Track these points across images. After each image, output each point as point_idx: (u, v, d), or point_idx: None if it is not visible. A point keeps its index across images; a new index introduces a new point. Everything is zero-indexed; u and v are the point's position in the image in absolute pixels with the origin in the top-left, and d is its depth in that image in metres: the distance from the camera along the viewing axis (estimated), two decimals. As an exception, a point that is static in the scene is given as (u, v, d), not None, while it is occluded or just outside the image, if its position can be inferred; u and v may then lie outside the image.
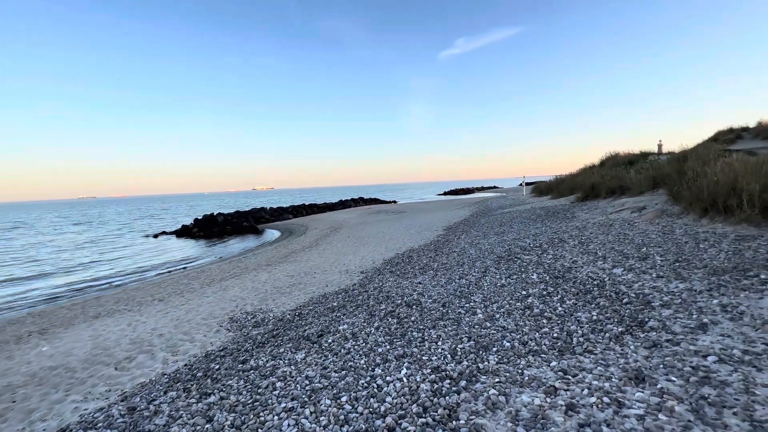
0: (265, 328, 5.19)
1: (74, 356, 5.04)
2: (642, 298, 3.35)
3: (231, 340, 4.89)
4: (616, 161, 16.91)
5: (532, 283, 4.39)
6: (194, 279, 10.08)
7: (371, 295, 5.48)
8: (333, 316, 4.79)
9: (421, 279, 5.89)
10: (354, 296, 5.80)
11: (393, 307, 4.50)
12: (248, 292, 7.65)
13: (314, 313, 5.38)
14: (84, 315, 7.31)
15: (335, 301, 5.76)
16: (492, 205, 21.29)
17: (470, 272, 5.59)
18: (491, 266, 5.71)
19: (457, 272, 5.82)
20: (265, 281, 8.60)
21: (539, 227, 8.93)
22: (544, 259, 5.48)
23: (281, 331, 4.64)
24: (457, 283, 5.11)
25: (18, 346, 5.81)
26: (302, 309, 5.84)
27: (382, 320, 4.06)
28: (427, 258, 8.02)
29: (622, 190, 11.15)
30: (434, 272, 6.27)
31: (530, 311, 3.55)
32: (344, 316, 4.60)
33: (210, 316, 6.30)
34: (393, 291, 5.42)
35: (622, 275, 4.03)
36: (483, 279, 5.02)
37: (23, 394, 4.05)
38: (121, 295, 9.11)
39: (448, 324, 3.55)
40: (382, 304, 4.74)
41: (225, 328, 5.58)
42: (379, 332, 3.67)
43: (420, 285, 5.47)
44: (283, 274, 9.22)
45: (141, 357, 4.78)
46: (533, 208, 14.10)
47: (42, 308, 8.73)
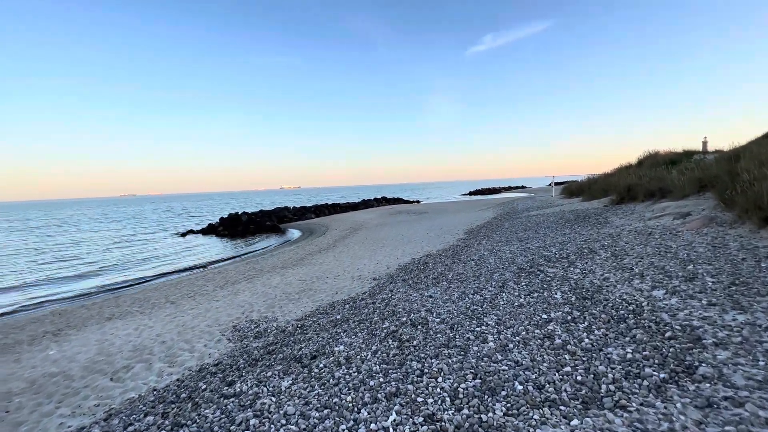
0: (266, 340, 4.93)
1: (77, 362, 4.98)
2: (690, 332, 2.77)
3: (228, 353, 4.66)
4: (656, 160, 15.63)
5: (555, 305, 3.85)
6: (210, 281, 10.09)
7: (377, 309, 5.10)
8: (333, 332, 4.45)
9: (433, 292, 5.44)
10: (360, 308, 5.44)
11: (397, 326, 4.09)
12: (257, 297, 7.47)
13: (317, 325, 5.06)
14: (99, 316, 7.39)
15: (340, 313, 5.42)
16: (518, 207, 20.33)
17: (486, 286, 5.08)
18: (510, 280, 5.17)
19: (472, 285, 5.32)
20: (276, 285, 8.41)
21: (567, 234, 8.22)
22: (570, 273, 4.89)
23: (278, 347, 4.35)
24: (471, 299, 4.62)
25: (30, 347, 5.88)
26: (306, 320, 5.54)
27: (382, 342, 3.67)
28: (443, 266, 7.53)
29: (663, 192, 10.15)
30: (448, 284, 5.79)
31: (551, 342, 3.04)
32: (344, 333, 4.25)
33: (215, 323, 6.15)
34: (400, 305, 5.01)
35: (664, 299, 3.43)
36: (499, 296, 4.51)
37: (18, 404, 3.98)
38: (138, 295, 9.23)
39: (454, 353, 3.10)
40: (385, 321, 4.35)
41: (227, 337, 5.37)
42: (376, 358, 3.28)
43: (430, 299, 5.03)
44: (296, 278, 9.02)
45: (138, 367, 4.64)
46: (562, 212, 13.22)
47: (65, 307, 8.98)
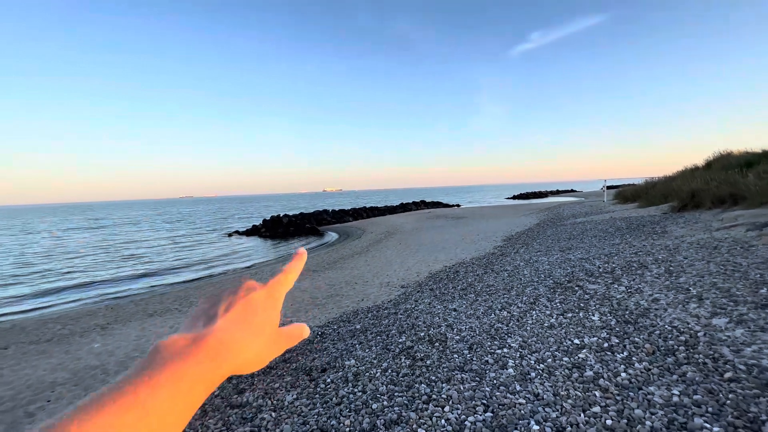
0: (285, 346, 4.92)
1: (114, 357, 5.31)
2: (758, 374, 2.28)
3: (248, 358, 4.70)
4: (728, 162, 13.89)
5: (590, 328, 3.41)
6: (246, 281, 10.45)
7: (398, 320, 4.90)
8: (350, 343, 4.32)
9: (458, 304, 5.13)
10: (381, 318, 5.27)
11: (413, 341, 3.87)
12: (286, 300, 7.49)
13: (336, 334, 4.97)
14: (143, 312, 7.89)
15: (361, 323, 5.29)
16: (564, 213, 19.07)
17: (516, 302, 4.69)
18: (543, 296, 4.73)
19: (500, 299, 4.94)
20: (305, 289, 8.49)
21: (616, 244, 7.46)
22: (613, 291, 4.36)
23: (294, 355, 4.30)
24: (496, 315, 4.27)
25: (81, 339, 6.39)
26: (328, 327, 5.48)
27: (395, 358, 3.47)
28: (474, 276, 7.14)
29: (735, 199, 8.94)
30: (475, 296, 5.44)
31: (580, 373, 2.66)
32: (359, 345, 4.10)
33: (243, 325, 6.29)
34: (422, 318, 4.77)
35: (727, 330, 2.89)
36: (529, 314, 4.12)
37: (58, 394, 4.28)
38: (181, 293, 9.79)
39: (467, 378, 2.83)
40: (403, 335, 4.14)
41: (250, 341, 5.45)
42: (385, 377, 3.09)
43: (454, 313, 4.73)
44: (325, 282, 9.05)
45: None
46: (613, 219, 12.15)
47: (117, 302, 9.75)
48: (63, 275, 14.40)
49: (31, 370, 5.13)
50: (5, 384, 4.70)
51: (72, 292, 11.69)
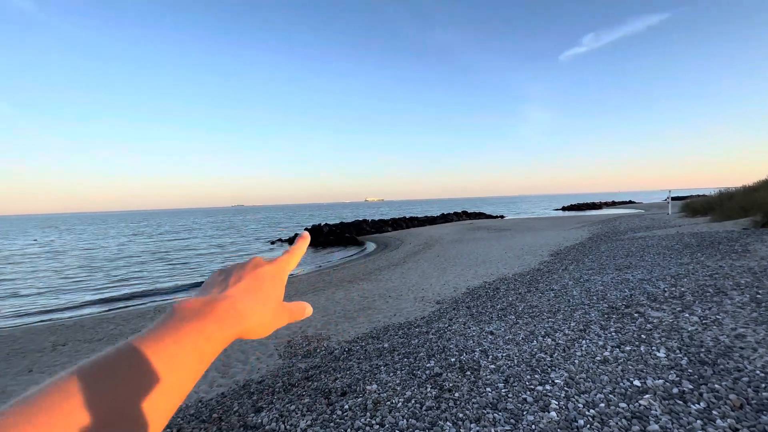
0: (312, 361, 4.77)
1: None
2: None
3: (274, 371, 4.60)
4: (826, 170, 11.90)
5: (654, 367, 2.86)
6: (288, 288, 10.58)
7: (428, 341, 4.56)
8: (375, 363, 4.06)
9: (496, 327, 4.68)
10: (411, 337, 4.95)
11: (442, 367, 3.52)
12: (317, 312, 7.49)
13: (363, 352, 4.73)
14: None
15: (390, 341, 5.01)
16: (621, 226, 17.45)
17: (562, 327, 4.16)
18: (595, 322, 4.15)
19: (544, 324, 4.42)
20: (338, 300, 8.38)
21: (685, 264, 6.53)
22: (683, 321, 3.70)
23: (317, 373, 4.12)
24: (539, 342, 3.79)
25: (126, 340, 6.72)
26: (356, 343, 5.27)
27: (420, 386, 3.15)
28: (516, 294, 6.59)
29: (839, 214, 7.53)
30: (516, 318, 4.94)
31: (642, 426, 2.18)
32: (384, 368, 3.82)
33: (274, 334, 6.26)
34: (454, 339, 4.39)
35: None
36: (577, 343, 3.60)
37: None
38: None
39: (501, 419, 2.44)
40: (431, 359, 3.80)
41: (279, 353, 5.38)
42: (407, 409, 2.78)
43: (490, 336, 4.30)
44: (359, 294, 8.89)
45: (196, 374, 4.86)
46: (680, 234, 10.83)
47: (166, 305, 10.30)
48: (123, 278, 15.66)
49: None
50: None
51: (129, 292, 12.62)
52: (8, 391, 4.77)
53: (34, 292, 13.45)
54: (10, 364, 5.88)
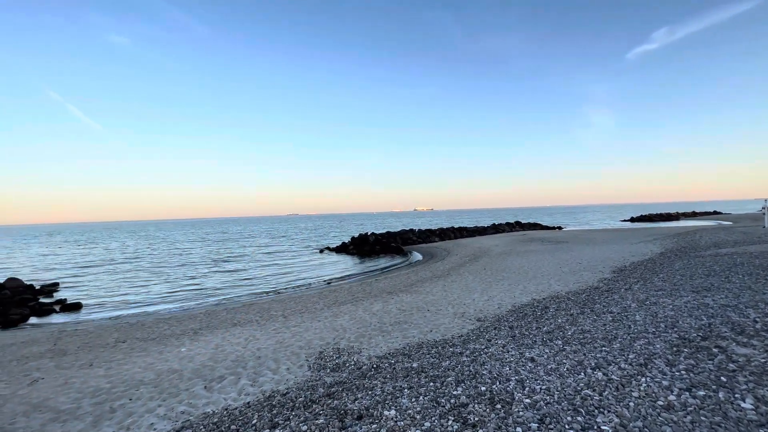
0: (338, 376, 4.63)
1: (193, 363, 5.72)
2: None
3: (300, 384, 4.53)
4: None
5: (737, 421, 2.28)
6: (323, 298, 10.69)
7: (460, 363, 4.19)
8: (400, 385, 3.79)
9: (538, 352, 4.17)
10: (443, 357, 4.61)
11: (470, 396, 3.16)
12: (353, 324, 7.37)
13: (391, 370, 4.49)
14: (229, 322, 8.57)
15: (420, 360, 4.71)
16: (701, 241, 15.27)
17: (618, 359, 3.57)
18: (660, 355, 3.51)
19: (597, 353, 3.84)
20: (375, 312, 8.21)
21: (784, 289, 5.40)
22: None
23: (339, 390, 3.96)
24: (587, 376, 3.27)
25: (176, 341, 7.14)
26: (386, 359, 5.03)
27: (441, 418, 2.84)
28: (566, 316, 5.91)
29: None
30: (563, 344, 4.38)
31: (716, 504, 1.69)
32: (408, 390, 3.54)
33: (307, 345, 6.25)
34: (489, 364, 3.98)
35: None
36: (635, 380, 3.04)
37: (139, 394, 4.70)
38: (265, 305, 10.46)
39: (528, 471, 2.07)
40: (460, 386, 3.45)
41: (309, 364, 5.32)
42: (422, 443, 2.50)
43: (530, 364, 3.82)
44: (397, 306, 8.64)
45: (229, 380, 4.96)
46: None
47: (215, 308, 10.90)
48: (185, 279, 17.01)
49: (131, 365, 5.84)
50: (109, 377, 5.40)
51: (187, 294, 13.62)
52: (70, 382, 5.25)
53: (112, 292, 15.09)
54: (77, 357, 6.52)
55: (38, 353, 6.89)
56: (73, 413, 4.29)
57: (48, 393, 4.89)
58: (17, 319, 10.99)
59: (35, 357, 6.66)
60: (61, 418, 4.17)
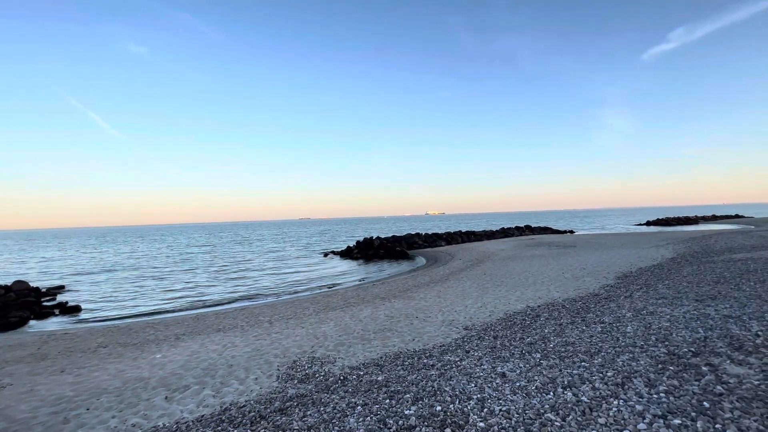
0: (304, 388, 4.38)
1: (163, 371, 5.55)
2: None
3: (262, 396, 4.29)
4: None
5: (711, 460, 1.93)
6: (315, 303, 10.47)
7: (426, 378, 3.88)
8: (355, 401, 3.52)
9: (511, 367, 3.83)
10: (412, 370, 4.32)
11: (421, 417, 2.87)
12: (336, 331, 7.11)
13: (357, 383, 4.22)
14: (214, 326, 8.41)
15: (389, 372, 4.43)
16: (716, 245, 14.50)
17: (593, 377, 3.21)
18: (642, 374, 3.14)
19: (572, 369, 3.49)
20: (361, 319, 7.93)
21: (796, 299, 4.92)
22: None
23: (293, 405, 3.70)
24: (555, 397, 2.93)
25: (155, 347, 7.00)
26: (357, 371, 4.76)
27: (383, 442, 2.55)
28: (555, 325, 5.54)
29: None
30: (541, 357, 4.03)
31: None
32: (361, 408, 3.27)
33: (284, 353, 6.02)
34: (455, 380, 3.67)
35: None
36: (606, 404, 2.69)
37: (98, 404, 4.53)
38: (256, 310, 10.30)
39: None
40: (415, 404, 3.15)
41: (278, 374, 5.08)
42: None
43: (499, 380, 3.50)
44: (386, 313, 8.34)
45: (193, 390, 4.76)
46: (796, 257, 8.51)
47: (205, 312, 10.80)
48: (186, 284, 17.06)
49: (101, 372, 5.70)
50: (76, 384, 5.27)
51: (184, 298, 13.60)
52: (35, 389, 5.13)
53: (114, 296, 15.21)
54: (54, 362, 6.44)
55: (19, 357, 6.84)
56: (27, 423, 4.15)
57: (10, 401, 4.78)
58: (15, 321, 11.10)
59: (14, 361, 6.61)
60: (12, 429, 4.03)
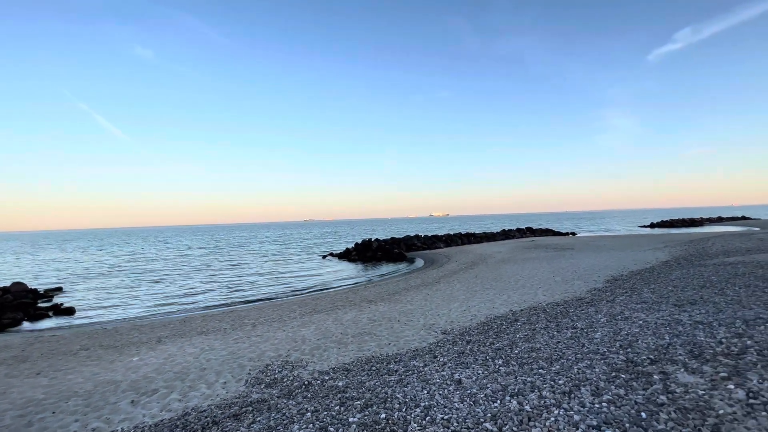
0: (268, 392, 4.38)
1: (135, 374, 5.57)
2: None
3: (224, 401, 4.29)
4: None
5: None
6: (303, 306, 10.47)
7: (385, 384, 3.86)
8: (308, 407, 3.51)
9: (470, 373, 3.79)
10: (375, 376, 4.30)
11: (362, 425, 2.85)
12: (315, 335, 7.10)
13: (318, 389, 4.20)
14: (198, 330, 8.44)
15: (353, 378, 4.40)
16: (712, 248, 14.29)
17: (544, 385, 3.16)
18: (593, 381, 3.09)
19: (527, 377, 3.44)
20: (344, 322, 7.91)
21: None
22: (719, 398, 2.52)
23: (249, 411, 3.70)
24: (500, 405, 2.89)
25: (136, 349, 7.04)
26: (325, 375, 4.75)
27: (317, 451, 2.53)
28: (528, 330, 5.48)
29: None
30: (502, 363, 3.98)
31: None
32: (309, 415, 3.25)
33: (259, 356, 6.02)
34: (411, 386, 3.64)
35: None
36: (546, 414, 2.65)
37: (65, 407, 4.56)
38: (243, 312, 10.33)
39: None
40: (362, 412, 3.13)
41: (248, 378, 5.08)
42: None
43: (452, 386, 3.46)
44: (369, 316, 8.32)
45: (160, 394, 4.78)
46: (787, 261, 8.36)
47: (194, 314, 10.85)
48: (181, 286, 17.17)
49: (76, 375, 5.75)
50: (49, 387, 5.31)
51: (177, 300, 13.67)
52: (8, 392, 5.18)
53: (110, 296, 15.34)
54: (33, 365, 6.51)
55: (1, 359, 6.91)
56: (-9, 426, 4.18)
57: (-20, 403, 4.82)
58: (8, 323, 11.23)
59: (-4, 364, 6.68)
60: (-25, 432, 4.07)
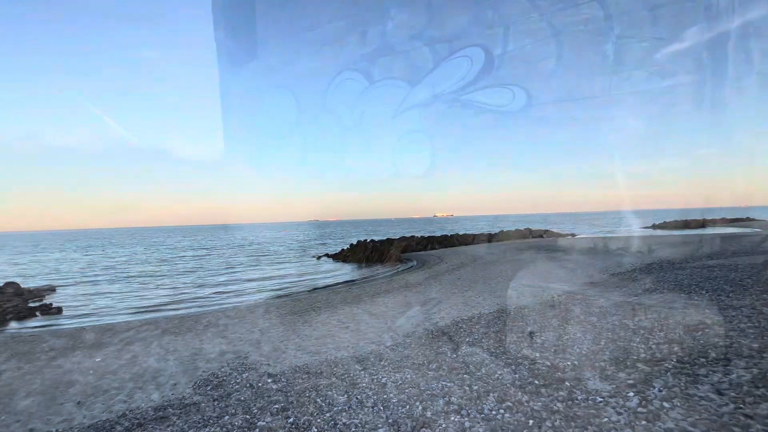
0: (207, 395, 4.42)
1: (94, 375, 5.66)
2: None
3: (165, 403, 4.35)
4: None
5: None
6: (281, 307, 10.54)
7: (314, 387, 3.89)
8: (229, 410, 3.54)
9: (399, 378, 3.81)
10: (315, 377, 4.32)
11: (268, 428, 2.88)
12: (285, 337, 7.15)
13: (254, 392, 4.24)
14: (175, 331, 8.51)
15: (289, 379, 4.44)
16: (700, 250, 14.17)
17: (461, 389, 3.18)
18: (505, 389, 3.09)
19: (446, 381, 3.46)
20: (312, 324, 7.96)
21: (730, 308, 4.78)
22: (612, 404, 2.52)
23: (175, 414, 3.75)
24: (409, 409, 2.91)
25: (102, 350, 7.14)
26: (266, 379, 4.76)
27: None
28: (479, 335, 5.48)
29: None
30: (434, 368, 4.00)
31: None
32: (226, 418, 3.29)
33: (218, 358, 6.08)
34: (336, 388, 3.66)
35: None
36: (451, 417, 2.67)
37: (10, 408, 4.65)
38: (222, 313, 10.41)
39: None
40: (276, 415, 3.17)
41: (199, 380, 5.13)
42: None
43: (374, 390, 3.49)
44: (338, 319, 8.36)
45: (108, 395, 4.85)
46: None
47: (183, 315, 10.97)
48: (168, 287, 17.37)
49: (34, 375, 5.84)
50: (4, 386, 5.41)
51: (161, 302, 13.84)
52: (-35, 392, 5.28)
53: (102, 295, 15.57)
54: (8, 365, 6.63)
55: (-30, 359, 7.05)
56: (-66, 428, 4.28)
57: (-69, 404, 4.93)
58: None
59: (-37, 364, 6.81)
60: None
